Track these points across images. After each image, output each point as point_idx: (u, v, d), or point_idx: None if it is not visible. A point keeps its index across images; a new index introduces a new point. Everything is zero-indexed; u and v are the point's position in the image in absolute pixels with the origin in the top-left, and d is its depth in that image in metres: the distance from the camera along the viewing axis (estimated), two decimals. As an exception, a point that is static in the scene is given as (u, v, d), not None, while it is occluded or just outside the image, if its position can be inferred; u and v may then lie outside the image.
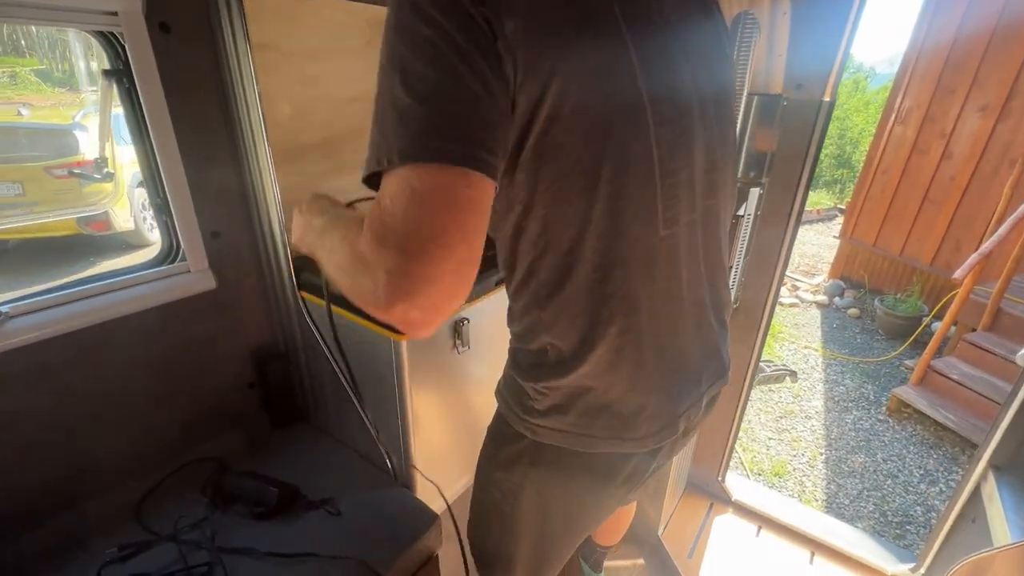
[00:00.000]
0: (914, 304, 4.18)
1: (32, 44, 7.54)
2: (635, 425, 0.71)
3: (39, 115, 6.26)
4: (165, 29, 0.93)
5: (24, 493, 0.93)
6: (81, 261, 4.94)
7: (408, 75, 0.49)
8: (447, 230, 0.48)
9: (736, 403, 1.74)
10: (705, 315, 0.77)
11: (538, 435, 0.74)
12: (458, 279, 0.49)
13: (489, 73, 0.50)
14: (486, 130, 0.50)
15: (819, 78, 1.28)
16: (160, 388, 1.09)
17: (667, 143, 0.62)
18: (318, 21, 1.18)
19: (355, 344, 1.06)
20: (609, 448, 0.73)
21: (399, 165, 0.48)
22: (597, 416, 0.71)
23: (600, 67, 0.56)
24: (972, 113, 4.01)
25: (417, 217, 0.47)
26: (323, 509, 1.01)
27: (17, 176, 4.55)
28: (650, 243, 0.65)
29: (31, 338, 0.87)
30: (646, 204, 0.63)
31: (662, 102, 0.60)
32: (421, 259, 0.47)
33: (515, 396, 0.76)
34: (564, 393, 0.70)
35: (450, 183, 0.48)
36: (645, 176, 0.61)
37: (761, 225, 1.47)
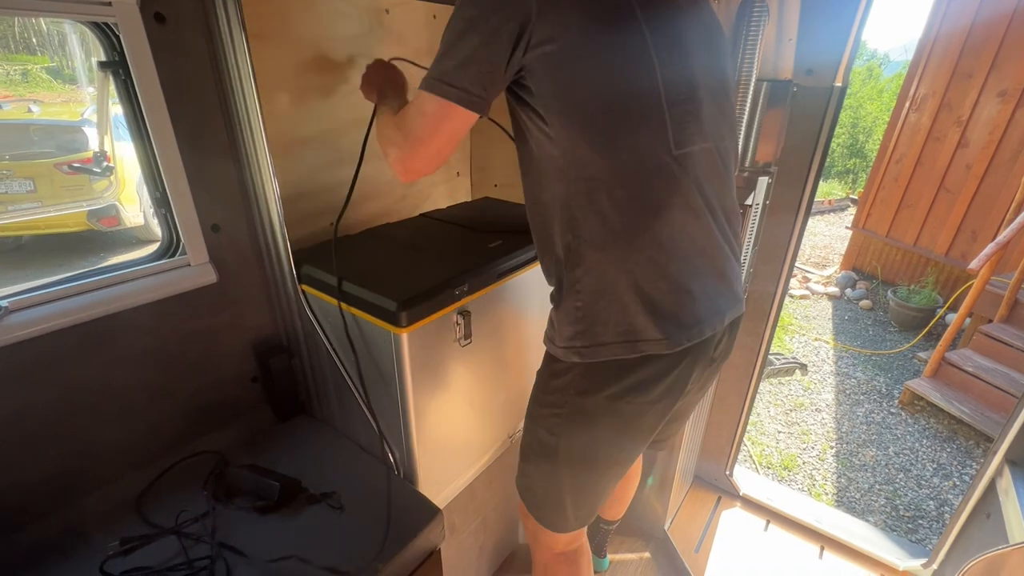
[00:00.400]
0: (928, 295, 4.10)
1: (43, 42, 7.61)
2: (663, 327, 0.84)
3: (50, 112, 6.33)
4: (160, 19, 0.92)
5: (26, 487, 0.93)
6: (92, 256, 5.00)
7: (451, 35, 0.77)
8: (428, 134, 0.82)
9: (744, 395, 1.71)
10: (719, 242, 0.90)
11: (583, 355, 0.87)
12: (429, 163, 0.86)
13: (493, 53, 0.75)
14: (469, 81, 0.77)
15: (830, 63, 1.24)
16: (162, 381, 1.09)
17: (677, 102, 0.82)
18: (315, 10, 1.16)
19: (357, 337, 1.05)
20: (645, 350, 0.84)
21: (424, 90, 0.79)
22: (631, 321, 0.84)
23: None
24: (990, 99, 3.90)
25: (419, 125, 0.82)
26: (325, 503, 1.01)
27: (29, 173, 4.61)
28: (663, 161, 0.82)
29: (32, 332, 0.87)
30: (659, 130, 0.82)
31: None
32: (415, 147, 0.84)
33: (560, 328, 0.90)
34: (597, 302, 0.85)
35: (441, 112, 0.79)
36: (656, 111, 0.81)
37: (770, 215, 1.44)
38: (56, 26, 5.51)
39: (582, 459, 0.99)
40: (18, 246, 5.13)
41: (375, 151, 1.41)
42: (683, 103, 0.82)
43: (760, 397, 3.34)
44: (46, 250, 5.03)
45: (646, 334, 0.84)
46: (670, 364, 0.88)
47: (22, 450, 0.92)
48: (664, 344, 0.84)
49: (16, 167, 4.61)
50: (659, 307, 0.83)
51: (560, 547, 1.15)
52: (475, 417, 1.24)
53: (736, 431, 1.80)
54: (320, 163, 1.28)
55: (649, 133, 0.80)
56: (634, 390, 0.89)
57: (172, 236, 1.06)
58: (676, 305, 0.84)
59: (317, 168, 1.28)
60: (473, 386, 1.19)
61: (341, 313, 1.03)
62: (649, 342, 0.84)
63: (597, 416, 0.93)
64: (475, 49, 0.74)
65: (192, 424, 1.16)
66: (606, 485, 1.06)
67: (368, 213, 1.43)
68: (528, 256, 1.21)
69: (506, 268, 1.16)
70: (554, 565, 1.16)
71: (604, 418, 0.93)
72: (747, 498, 1.91)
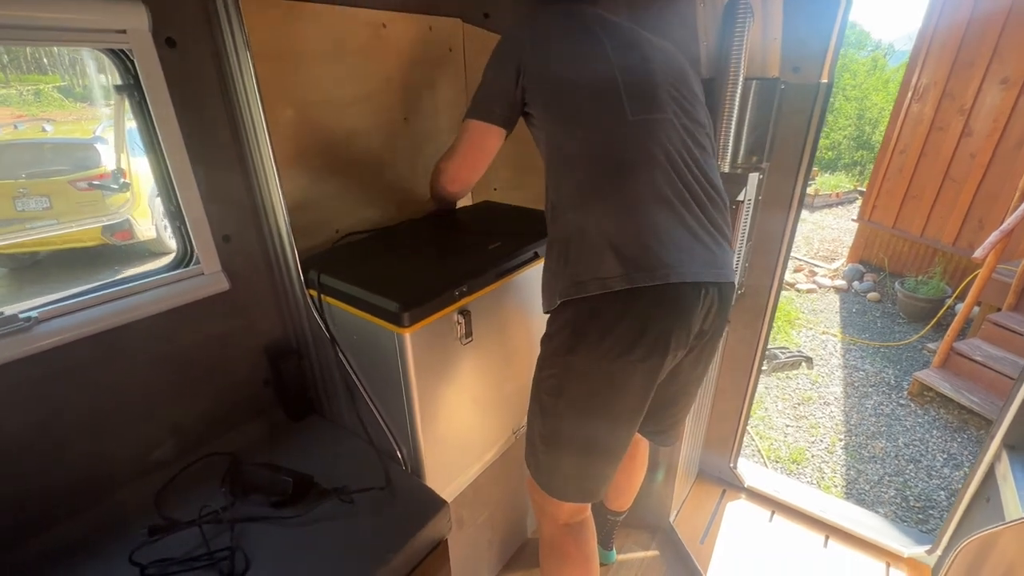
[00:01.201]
0: (936, 286, 4.08)
1: (54, 62, 7.79)
2: (624, 265, 0.93)
3: (62, 130, 6.48)
4: (171, 44, 0.97)
5: (55, 488, 0.99)
6: (106, 269, 5.12)
7: (481, 81, 1.11)
8: (466, 148, 1.17)
9: (745, 388, 1.74)
10: (693, 206, 1.00)
11: (563, 294, 0.98)
12: (472, 172, 1.22)
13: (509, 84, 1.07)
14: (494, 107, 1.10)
15: (815, 61, 1.28)
16: (179, 386, 1.15)
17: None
18: (316, 27, 1.22)
19: (363, 339, 1.10)
20: (611, 286, 0.93)
21: (465, 119, 1.14)
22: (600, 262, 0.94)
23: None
24: (992, 87, 3.89)
25: (462, 143, 1.16)
26: (337, 497, 1.05)
27: (45, 190, 4.75)
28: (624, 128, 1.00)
29: (59, 340, 0.93)
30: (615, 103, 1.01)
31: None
32: (461, 160, 1.19)
33: (555, 282, 1.01)
34: (574, 249, 0.98)
35: (477, 130, 1.13)
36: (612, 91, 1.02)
37: (763, 209, 1.47)
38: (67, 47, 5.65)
39: (580, 420, 1.05)
40: (35, 262, 5.28)
41: (376, 160, 1.47)
42: (637, 84, 1.02)
43: (767, 392, 3.35)
44: (62, 264, 5.17)
45: (611, 271, 0.94)
46: (640, 310, 0.94)
47: (51, 454, 0.98)
48: (625, 279, 0.92)
49: (32, 185, 4.75)
50: (623, 251, 0.94)
51: (564, 518, 1.20)
52: (479, 413, 1.29)
53: (738, 424, 1.82)
54: (323, 172, 1.34)
55: (608, 107, 1.00)
56: (616, 344, 0.95)
57: (186, 247, 1.12)
58: (639, 249, 0.94)
59: (319, 177, 1.33)
60: (475, 383, 1.23)
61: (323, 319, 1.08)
62: (614, 278, 0.93)
63: (589, 375, 1.00)
64: (493, 82, 1.09)
65: (208, 426, 1.22)
66: (609, 456, 1.11)
67: (369, 219, 1.49)
68: (526, 257, 1.26)
69: (505, 269, 1.20)
70: (560, 537, 1.21)
71: (595, 377, 1.00)
72: (752, 490, 1.93)
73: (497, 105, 1.09)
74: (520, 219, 1.51)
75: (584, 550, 1.21)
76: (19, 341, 0.88)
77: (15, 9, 0.79)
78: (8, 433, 0.92)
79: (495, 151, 1.15)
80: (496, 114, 1.09)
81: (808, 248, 6.04)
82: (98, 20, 0.86)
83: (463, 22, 1.57)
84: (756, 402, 3.22)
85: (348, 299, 1.08)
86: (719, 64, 1.31)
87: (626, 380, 0.99)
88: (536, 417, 1.13)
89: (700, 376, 1.17)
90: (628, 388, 1.01)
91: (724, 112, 1.34)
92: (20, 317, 0.89)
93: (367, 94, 1.37)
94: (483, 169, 1.19)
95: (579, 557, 1.20)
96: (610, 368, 0.98)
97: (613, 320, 0.95)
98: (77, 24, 0.85)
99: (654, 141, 0.99)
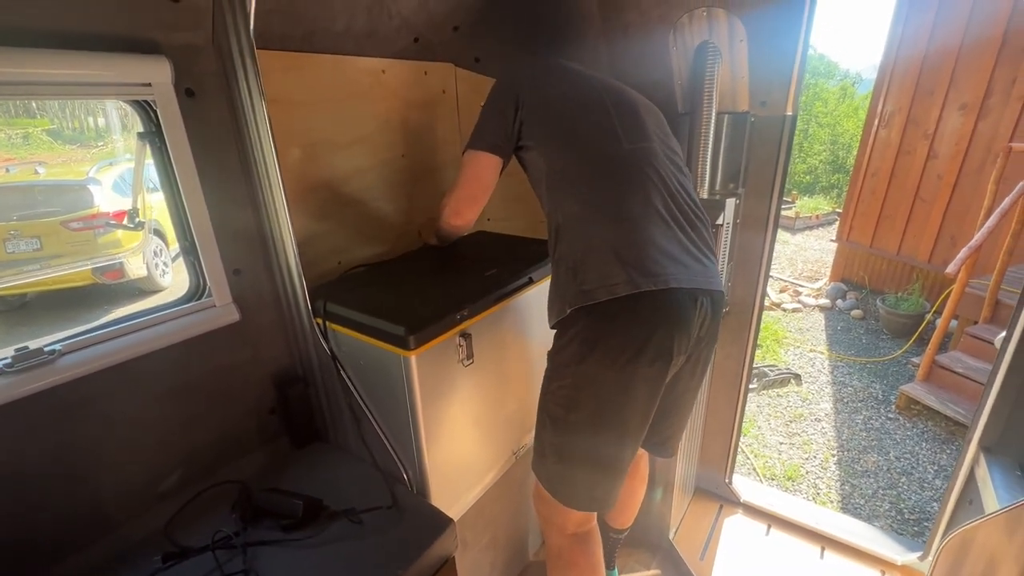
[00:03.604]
0: (916, 301, 4.22)
1: (43, 106, 7.90)
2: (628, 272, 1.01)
3: (53, 172, 6.54)
4: (190, 94, 1.06)
5: (67, 518, 1.02)
6: (96, 310, 5.10)
7: (479, 118, 1.22)
8: (467, 180, 1.24)
9: (735, 402, 1.80)
10: (681, 222, 1.10)
11: (573, 302, 1.04)
12: (472, 205, 1.27)
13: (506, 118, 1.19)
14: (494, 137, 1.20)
15: (780, 95, 1.40)
16: (189, 416, 1.19)
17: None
18: (321, 74, 1.32)
19: (369, 363, 1.16)
20: (616, 292, 1.00)
21: (465, 151, 1.23)
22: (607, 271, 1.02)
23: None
24: (952, 113, 4.13)
25: (461, 176, 1.25)
26: (346, 518, 1.09)
27: (35, 232, 4.76)
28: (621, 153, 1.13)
29: (80, 372, 0.97)
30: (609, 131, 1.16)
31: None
32: (460, 192, 1.26)
33: (562, 295, 1.08)
34: (582, 261, 1.05)
35: (476, 161, 1.21)
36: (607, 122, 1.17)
37: (741, 231, 1.57)
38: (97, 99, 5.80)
39: (591, 429, 1.10)
40: (23, 303, 5.24)
41: (376, 195, 1.55)
42: (628, 116, 1.18)
43: (760, 410, 3.40)
44: (51, 306, 5.14)
45: (616, 278, 1.01)
46: (645, 316, 1.01)
47: (65, 484, 1.01)
48: (630, 284, 1.00)
49: (23, 227, 4.76)
50: (627, 260, 1.02)
51: (572, 528, 1.22)
52: (481, 433, 1.33)
53: (731, 439, 1.87)
54: (327, 208, 1.41)
55: (605, 135, 1.14)
56: (624, 351, 1.01)
57: (199, 281, 1.18)
58: (641, 259, 1.03)
59: (324, 213, 1.41)
60: (477, 404, 1.28)
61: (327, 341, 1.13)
62: (619, 284, 1.01)
63: (599, 383, 1.05)
64: (492, 116, 1.20)
65: (216, 455, 1.25)
66: (618, 463, 1.15)
67: (370, 251, 1.56)
68: (522, 282, 1.33)
69: (502, 293, 1.27)
70: (568, 547, 1.24)
71: (605, 385, 1.05)
72: (748, 505, 1.97)
73: (495, 136, 1.18)
74: (514, 247, 1.59)
75: (591, 560, 1.23)
76: (43, 373, 0.93)
77: (55, 67, 0.87)
78: (26, 463, 0.95)
79: (494, 181, 1.22)
80: (494, 144, 1.18)
81: (792, 269, 6.21)
82: (127, 75, 0.94)
83: (455, 66, 1.69)
84: (749, 421, 3.27)
85: (354, 325, 1.14)
86: (693, 100, 1.43)
87: (635, 386, 1.04)
88: (545, 429, 1.16)
89: (696, 386, 1.23)
90: (637, 394, 1.06)
91: (700, 143, 1.45)
92: (45, 350, 0.94)
93: (367, 134, 1.47)
94: (484, 200, 1.25)
95: (587, 567, 1.23)
96: (619, 376, 1.03)
97: (621, 326, 1.01)
98: (109, 79, 0.93)
99: (648, 165, 1.12)
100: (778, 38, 1.32)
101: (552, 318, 1.13)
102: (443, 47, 1.62)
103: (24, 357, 0.91)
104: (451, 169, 1.80)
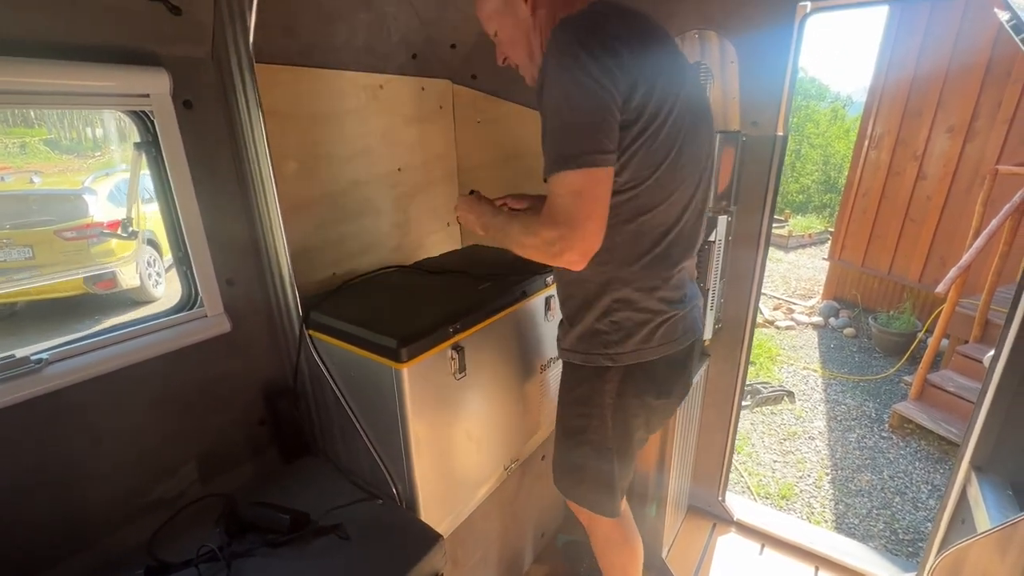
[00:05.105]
0: (907, 320, 4.25)
1: (41, 115, 7.93)
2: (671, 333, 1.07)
3: (49, 181, 6.53)
4: (188, 105, 1.07)
5: (50, 531, 1.00)
6: (87, 319, 5.05)
7: (564, 116, 0.85)
8: (588, 210, 0.86)
9: (728, 419, 1.80)
10: (693, 252, 1.11)
11: (617, 360, 1.06)
12: (597, 236, 0.89)
13: (614, 105, 0.85)
14: (611, 139, 0.86)
15: (771, 116, 1.42)
16: (176, 427, 1.17)
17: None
18: (320, 88, 1.34)
19: (360, 375, 1.15)
20: (664, 352, 1.07)
21: (563, 172, 0.85)
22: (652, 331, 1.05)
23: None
24: (940, 135, 4.21)
25: (577, 205, 0.86)
26: (333, 533, 1.07)
27: (28, 240, 4.74)
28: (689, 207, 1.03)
29: (68, 381, 0.96)
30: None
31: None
32: (579, 229, 0.86)
33: (591, 342, 1.08)
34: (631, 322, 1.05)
35: (593, 180, 0.85)
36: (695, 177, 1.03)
37: (734, 248, 1.58)
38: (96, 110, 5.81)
39: (619, 448, 1.16)
40: (12, 313, 5.19)
41: (372, 208, 1.56)
42: (703, 172, 1.06)
43: (753, 428, 3.39)
44: (41, 315, 5.08)
45: (649, 342, 1.06)
46: (677, 361, 1.11)
47: (48, 496, 0.99)
48: (676, 344, 1.08)
49: (16, 235, 4.74)
50: (662, 324, 1.06)
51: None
52: (472, 448, 1.32)
53: (724, 456, 1.86)
54: (322, 221, 1.42)
55: (687, 189, 1.02)
56: (656, 391, 1.11)
57: (191, 290, 1.17)
58: (680, 317, 1.08)
59: (319, 225, 1.41)
60: (469, 418, 1.28)
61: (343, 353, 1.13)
62: (665, 345, 1.07)
63: (629, 411, 1.12)
64: (587, 116, 0.84)
65: (203, 466, 1.23)
66: (629, 474, 1.26)
67: (366, 263, 1.56)
68: (514, 296, 1.33)
69: (495, 307, 1.27)
70: (611, 531, 1.33)
71: (634, 412, 1.13)
72: (741, 523, 1.95)
73: (605, 138, 0.85)
74: (507, 261, 1.60)
75: (630, 539, 1.35)
76: (29, 382, 0.92)
77: (55, 77, 0.87)
78: (9, 474, 0.93)
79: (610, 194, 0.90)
80: (608, 151, 0.86)
81: (785, 287, 6.25)
82: (126, 86, 0.95)
83: (452, 83, 1.71)
84: (743, 438, 3.26)
85: (346, 337, 1.14)
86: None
87: (660, 411, 1.18)
88: (564, 448, 1.23)
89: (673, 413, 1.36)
90: (660, 417, 1.21)
91: (692, 161, 1.47)
92: (31, 359, 0.93)
93: (365, 148, 1.48)
94: (605, 222, 0.90)
95: (633, 540, 1.36)
96: (649, 405, 1.13)
97: (652, 368, 1.09)
98: (108, 90, 0.94)
99: (696, 225, 1.08)
100: (768, 61, 1.35)
101: (574, 349, 1.13)
102: (441, 64, 1.65)
103: (9, 366, 0.90)
104: (447, 183, 1.82)
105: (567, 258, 0.89)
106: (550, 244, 0.89)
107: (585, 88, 0.83)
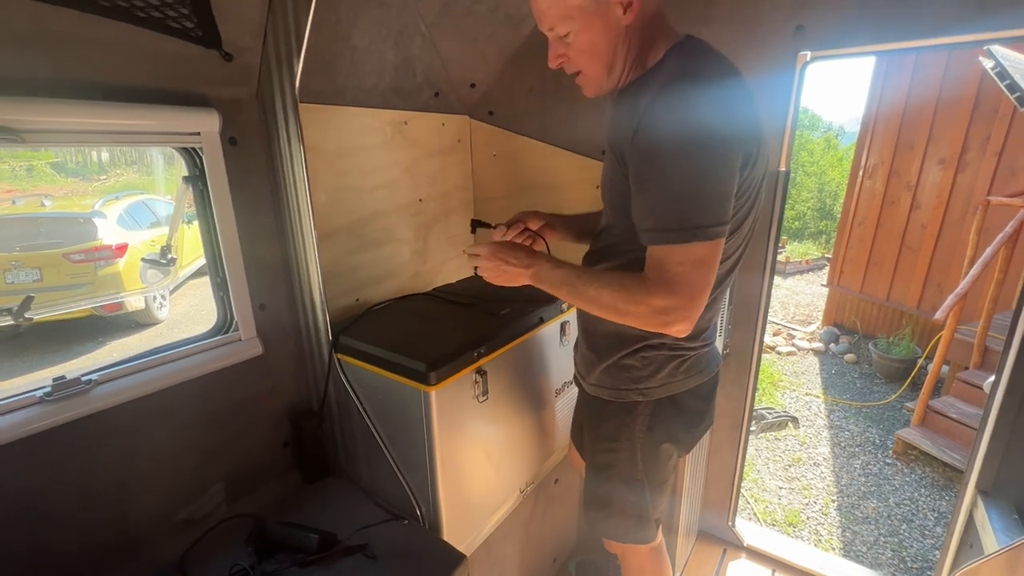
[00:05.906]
0: (907, 346, 4.30)
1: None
2: (702, 369, 1.11)
3: (58, 204, 6.63)
4: (233, 142, 1.14)
5: (84, 549, 1.02)
6: (90, 342, 5.07)
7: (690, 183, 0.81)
8: (709, 280, 0.85)
9: (737, 444, 1.83)
10: None
11: (647, 395, 1.08)
12: (705, 301, 0.87)
13: (738, 172, 0.84)
14: (728, 213, 0.84)
15: (774, 152, 1.51)
16: (208, 447, 1.21)
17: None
18: (349, 125, 1.42)
19: (387, 398, 1.19)
20: (690, 385, 1.10)
21: (689, 243, 0.82)
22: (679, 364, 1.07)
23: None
24: (932, 166, 4.35)
25: (698, 275, 0.84)
26: (360, 553, 1.10)
27: (36, 263, 4.80)
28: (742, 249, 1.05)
29: (111, 403, 1.01)
30: None
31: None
32: (697, 300, 0.84)
33: (619, 377, 1.10)
34: (662, 357, 1.06)
35: (717, 250, 0.85)
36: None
37: (740, 276, 1.65)
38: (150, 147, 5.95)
39: (651, 477, 1.17)
40: (16, 335, 5.20)
41: (394, 237, 1.63)
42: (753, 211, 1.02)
43: (758, 454, 3.40)
44: (45, 337, 5.10)
45: (688, 372, 1.10)
46: (704, 392, 1.14)
47: (84, 514, 1.02)
48: (702, 375, 1.12)
49: (25, 258, 4.80)
50: (697, 351, 1.09)
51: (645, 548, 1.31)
52: (491, 470, 1.35)
53: (734, 481, 1.89)
54: (348, 248, 1.48)
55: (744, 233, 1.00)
56: (686, 423, 1.14)
57: (227, 315, 1.23)
58: (706, 350, 1.13)
59: (346, 252, 1.48)
60: (489, 440, 1.32)
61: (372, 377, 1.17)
62: (692, 377, 1.10)
63: (659, 444, 1.14)
64: (719, 185, 0.82)
65: (229, 487, 1.26)
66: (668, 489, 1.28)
67: (387, 290, 1.62)
68: (534, 321, 1.39)
69: (516, 332, 1.33)
70: (646, 561, 1.31)
71: (664, 445, 1.15)
72: (752, 548, 1.96)
73: (726, 211, 0.83)
74: (524, 286, 1.66)
75: (664, 572, 1.34)
76: (80, 402, 0.96)
77: (118, 118, 0.95)
78: (48, 492, 0.97)
79: None
80: (726, 223, 0.84)
81: (785, 313, 6.31)
82: (180, 125, 1.03)
83: (471, 118, 1.81)
84: (748, 464, 3.27)
85: (375, 360, 1.19)
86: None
87: (678, 447, 1.19)
88: (594, 482, 1.22)
89: None
90: (678, 453, 1.21)
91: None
92: (82, 380, 0.97)
93: (389, 180, 1.56)
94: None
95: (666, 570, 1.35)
96: (668, 442, 1.14)
97: (682, 401, 1.12)
98: (164, 129, 1.01)
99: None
100: (772, 103, 1.44)
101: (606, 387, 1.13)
102: (460, 101, 1.75)
103: (63, 386, 0.95)
104: (464, 213, 1.89)
105: (678, 328, 0.86)
106: (661, 313, 0.84)
107: (719, 152, 0.79)
